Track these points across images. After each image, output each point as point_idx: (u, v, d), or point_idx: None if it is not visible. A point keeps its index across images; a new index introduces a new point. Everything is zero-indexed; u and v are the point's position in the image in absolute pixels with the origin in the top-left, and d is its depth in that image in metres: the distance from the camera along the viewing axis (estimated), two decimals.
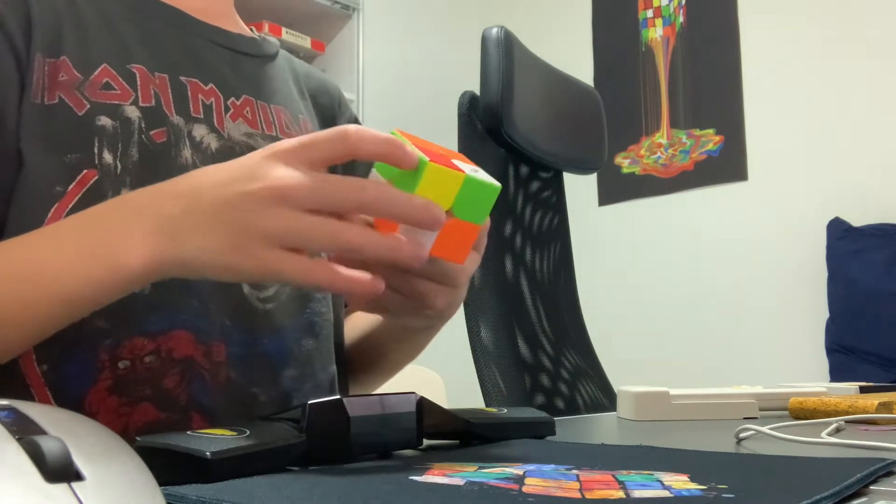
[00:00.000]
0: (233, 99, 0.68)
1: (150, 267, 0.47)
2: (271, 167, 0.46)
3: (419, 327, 0.67)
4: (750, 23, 2.61)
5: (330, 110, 0.83)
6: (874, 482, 0.37)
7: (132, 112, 0.61)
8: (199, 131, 0.65)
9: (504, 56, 1.11)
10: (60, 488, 0.24)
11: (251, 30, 0.78)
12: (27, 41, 0.59)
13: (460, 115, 1.16)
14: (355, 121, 0.86)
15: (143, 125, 0.61)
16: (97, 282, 0.48)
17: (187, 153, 0.63)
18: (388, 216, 0.46)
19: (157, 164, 0.61)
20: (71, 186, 0.57)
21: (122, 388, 0.57)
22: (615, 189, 2.87)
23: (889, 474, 0.40)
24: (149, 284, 0.58)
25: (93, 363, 0.56)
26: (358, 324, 0.80)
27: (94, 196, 0.58)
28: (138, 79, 0.63)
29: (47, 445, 0.25)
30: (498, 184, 0.49)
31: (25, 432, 0.26)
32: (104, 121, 0.60)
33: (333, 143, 0.46)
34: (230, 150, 0.66)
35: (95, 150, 0.59)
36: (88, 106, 0.60)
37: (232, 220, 0.45)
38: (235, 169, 0.47)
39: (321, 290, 0.62)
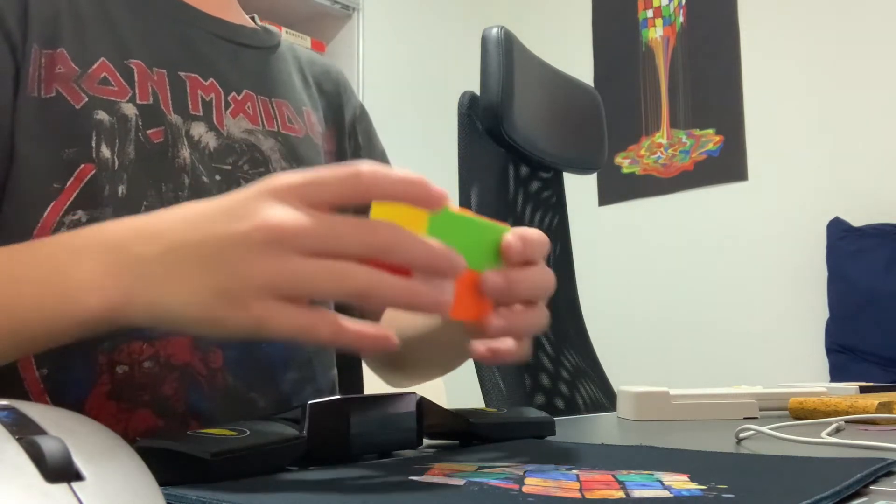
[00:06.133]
0: (233, 94, 0.67)
1: (113, 308, 0.41)
2: (264, 204, 0.39)
3: None
4: (750, 23, 2.60)
5: (335, 98, 0.81)
6: (874, 482, 0.37)
7: (129, 110, 0.60)
8: (198, 130, 0.64)
9: (504, 56, 1.11)
10: (60, 488, 0.24)
11: (253, 19, 0.77)
12: (23, 33, 0.58)
13: (460, 115, 1.16)
14: (361, 108, 0.84)
15: (140, 123, 0.60)
16: (49, 316, 0.43)
17: (185, 153, 0.62)
18: (403, 260, 0.38)
19: (154, 164, 0.60)
20: (69, 183, 0.57)
21: (120, 394, 0.56)
22: (615, 189, 2.86)
23: (889, 474, 0.40)
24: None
25: (91, 367, 0.56)
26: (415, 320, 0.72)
27: (90, 192, 0.57)
28: (136, 75, 0.62)
29: (47, 445, 0.25)
30: (505, 224, 0.44)
31: (25, 432, 0.26)
32: (101, 115, 0.59)
33: (343, 183, 0.39)
34: (229, 149, 0.65)
35: (93, 144, 0.58)
36: (86, 99, 0.59)
37: (217, 265, 0.39)
38: (223, 205, 0.41)
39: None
